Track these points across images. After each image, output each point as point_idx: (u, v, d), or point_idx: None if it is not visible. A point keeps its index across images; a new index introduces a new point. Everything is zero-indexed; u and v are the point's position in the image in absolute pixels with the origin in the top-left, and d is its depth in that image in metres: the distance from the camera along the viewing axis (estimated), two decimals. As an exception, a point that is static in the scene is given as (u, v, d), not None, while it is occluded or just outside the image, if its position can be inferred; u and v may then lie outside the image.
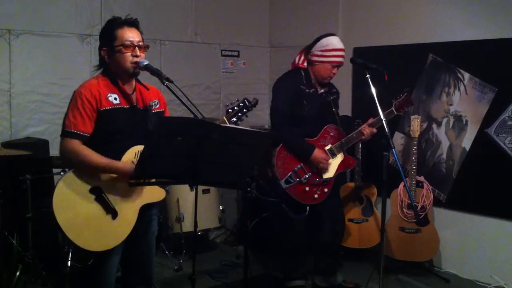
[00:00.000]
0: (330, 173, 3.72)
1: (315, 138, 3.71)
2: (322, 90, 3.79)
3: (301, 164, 3.66)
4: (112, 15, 2.69)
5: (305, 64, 3.77)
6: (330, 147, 3.71)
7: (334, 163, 3.73)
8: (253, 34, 5.71)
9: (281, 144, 3.66)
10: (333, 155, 3.72)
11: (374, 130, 3.65)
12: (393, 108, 3.63)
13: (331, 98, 3.80)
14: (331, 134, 3.73)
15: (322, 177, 3.69)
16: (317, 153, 3.64)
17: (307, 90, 3.71)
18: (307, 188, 3.67)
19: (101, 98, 2.52)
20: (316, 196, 3.69)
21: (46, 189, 3.82)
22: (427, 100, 4.45)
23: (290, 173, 3.65)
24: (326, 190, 3.71)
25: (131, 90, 2.64)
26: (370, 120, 3.66)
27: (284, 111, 3.65)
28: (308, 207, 3.67)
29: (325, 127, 3.72)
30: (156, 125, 2.46)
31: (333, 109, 3.77)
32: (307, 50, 3.77)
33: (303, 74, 3.75)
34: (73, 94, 2.54)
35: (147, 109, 2.64)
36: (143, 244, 2.74)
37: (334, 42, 3.69)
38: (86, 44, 4.55)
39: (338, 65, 3.70)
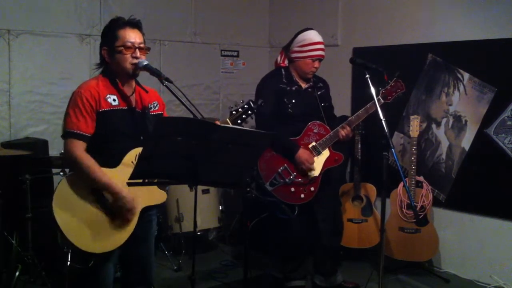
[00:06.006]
0: (316, 172, 3.68)
1: (298, 137, 3.68)
2: (306, 86, 3.77)
3: (285, 164, 3.64)
4: (111, 15, 2.69)
5: (286, 62, 3.76)
6: (314, 144, 3.68)
7: (320, 161, 3.69)
8: (252, 34, 5.72)
9: None
10: (318, 152, 3.68)
11: (349, 131, 3.61)
12: (379, 97, 3.55)
13: (318, 93, 3.79)
14: (315, 130, 3.70)
15: (308, 176, 3.67)
16: (302, 153, 3.61)
17: (288, 88, 3.69)
18: (292, 189, 3.65)
19: (100, 99, 2.51)
20: (302, 196, 3.66)
21: (46, 189, 3.85)
22: (426, 100, 4.45)
23: (274, 175, 3.63)
24: (312, 189, 3.68)
25: (130, 92, 2.63)
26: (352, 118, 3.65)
27: (267, 113, 3.60)
28: (297, 207, 3.63)
29: (308, 124, 3.68)
30: (155, 125, 2.45)
31: (321, 104, 3.75)
32: (287, 48, 3.76)
33: (283, 73, 3.74)
34: (72, 95, 2.54)
35: (146, 111, 2.64)
36: (143, 245, 2.73)
37: (311, 36, 3.68)
38: (86, 44, 4.55)
39: (318, 58, 3.68)
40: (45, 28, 4.35)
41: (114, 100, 2.56)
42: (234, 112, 2.71)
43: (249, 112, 2.72)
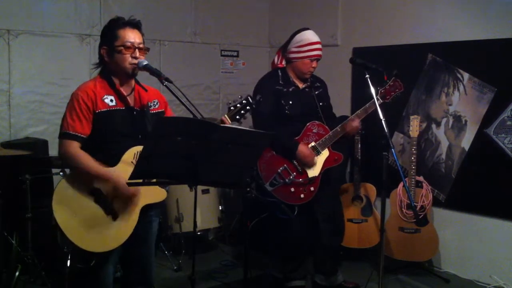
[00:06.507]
0: (315, 172, 3.68)
1: (298, 137, 3.68)
2: (304, 86, 3.77)
3: (285, 165, 3.64)
4: (111, 15, 2.69)
5: (284, 63, 3.76)
6: (314, 144, 3.68)
7: (319, 161, 3.69)
8: (252, 34, 5.72)
9: None
10: (318, 152, 3.68)
11: (357, 124, 3.61)
12: (378, 96, 3.53)
13: (316, 92, 3.78)
14: (314, 131, 3.69)
15: (308, 176, 3.66)
16: (302, 148, 3.61)
17: (285, 90, 3.69)
18: (292, 189, 3.64)
19: (96, 100, 2.52)
20: (302, 196, 3.66)
21: (46, 189, 3.85)
22: (426, 100, 4.45)
23: (274, 175, 3.63)
24: (312, 189, 3.68)
25: (129, 91, 2.64)
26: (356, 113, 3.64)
27: (265, 113, 3.59)
28: (296, 207, 3.63)
29: (307, 124, 3.68)
30: (155, 125, 2.46)
31: (319, 103, 3.74)
32: (284, 49, 3.76)
33: (280, 74, 3.74)
34: (71, 96, 2.56)
35: (144, 110, 2.64)
36: (143, 245, 2.73)
37: (308, 36, 3.68)
38: (86, 44, 4.55)
39: (317, 58, 3.68)
40: (45, 28, 4.35)
41: (111, 100, 2.56)
42: (232, 108, 2.70)
43: (248, 107, 2.70)
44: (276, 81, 3.71)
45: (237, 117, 2.69)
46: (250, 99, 2.70)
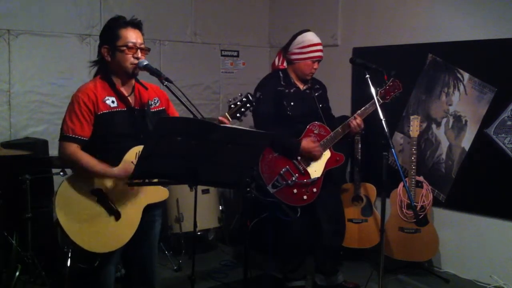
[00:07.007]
0: (317, 173, 3.68)
1: (299, 138, 3.67)
2: (304, 87, 3.78)
3: (287, 166, 3.64)
4: (111, 15, 2.69)
5: (285, 64, 3.77)
6: None
7: (321, 162, 3.70)
8: (252, 34, 5.72)
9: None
10: None
11: (360, 122, 3.61)
12: (378, 97, 3.52)
13: (316, 94, 3.79)
14: (315, 132, 3.69)
15: (310, 177, 3.66)
16: (305, 143, 3.61)
17: (287, 91, 3.69)
18: (295, 190, 3.64)
19: (98, 102, 2.52)
20: (305, 197, 3.67)
21: (46, 189, 3.86)
22: (426, 100, 4.45)
23: (276, 177, 3.63)
24: (315, 190, 3.68)
25: (129, 91, 2.64)
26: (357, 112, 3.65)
27: (266, 113, 3.60)
28: (299, 209, 3.62)
29: (308, 125, 3.68)
30: (156, 125, 2.45)
31: (319, 105, 3.75)
32: (285, 50, 3.76)
33: (281, 75, 3.74)
34: (71, 98, 2.55)
35: (145, 109, 2.64)
36: (146, 245, 2.74)
37: (310, 37, 3.69)
38: (86, 44, 4.55)
39: (318, 59, 3.69)
40: (45, 28, 4.35)
41: (112, 102, 2.56)
42: (232, 106, 2.70)
43: (248, 105, 2.70)
44: (277, 82, 3.71)
45: (238, 115, 2.69)
46: (250, 96, 2.70)
